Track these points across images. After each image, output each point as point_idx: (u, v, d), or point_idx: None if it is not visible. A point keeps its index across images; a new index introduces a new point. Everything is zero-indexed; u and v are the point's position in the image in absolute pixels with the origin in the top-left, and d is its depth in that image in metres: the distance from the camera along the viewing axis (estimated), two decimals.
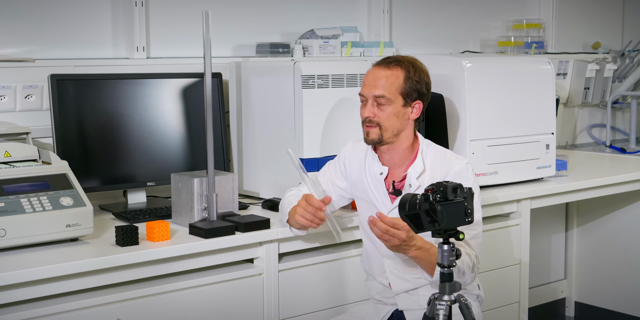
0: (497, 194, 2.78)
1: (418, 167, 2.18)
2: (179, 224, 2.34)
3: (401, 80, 2.14)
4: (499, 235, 2.82)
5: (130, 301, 2.07)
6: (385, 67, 2.15)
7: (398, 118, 2.15)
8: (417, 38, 3.60)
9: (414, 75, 2.15)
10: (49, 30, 2.65)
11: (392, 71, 2.14)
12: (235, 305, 2.25)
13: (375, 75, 2.15)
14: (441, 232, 1.77)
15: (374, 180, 2.23)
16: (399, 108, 2.15)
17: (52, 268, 1.93)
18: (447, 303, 1.81)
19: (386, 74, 2.14)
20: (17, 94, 2.53)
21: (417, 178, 2.18)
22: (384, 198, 2.22)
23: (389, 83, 2.13)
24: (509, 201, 2.83)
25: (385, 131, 2.15)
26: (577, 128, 4.21)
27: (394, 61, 2.16)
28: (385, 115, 2.14)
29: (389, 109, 2.14)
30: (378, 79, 2.14)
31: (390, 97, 2.13)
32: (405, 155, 2.21)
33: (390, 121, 2.14)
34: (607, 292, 3.69)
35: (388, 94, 2.13)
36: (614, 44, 4.39)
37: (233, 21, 3.03)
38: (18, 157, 2.20)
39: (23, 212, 2.03)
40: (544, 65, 2.96)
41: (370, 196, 2.24)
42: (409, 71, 2.15)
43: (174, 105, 2.65)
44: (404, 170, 2.21)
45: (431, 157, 2.20)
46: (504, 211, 2.85)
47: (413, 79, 2.15)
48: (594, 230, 3.74)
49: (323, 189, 2.30)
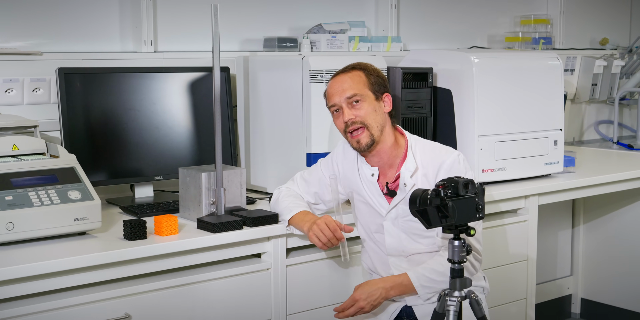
0: (504, 190, 2.77)
1: (410, 166, 2.18)
2: (186, 219, 2.33)
3: (364, 77, 2.19)
4: (507, 232, 2.81)
5: (138, 295, 2.07)
6: (344, 73, 2.22)
7: (377, 113, 2.18)
8: (424, 33, 3.59)
9: (372, 71, 2.22)
10: (57, 23, 2.65)
11: (352, 73, 2.21)
12: (243, 299, 2.25)
13: (339, 81, 2.20)
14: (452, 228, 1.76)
15: (367, 182, 2.24)
16: (373, 103, 2.18)
17: (60, 262, 1.93)
18: (458, 299, 1.80)
19: (348, 76, 2.20)
20: (25, 87, 2.52)
21: (410, 177, 2.18)
22: (379, 199, 2.23)
23: (355, 82, 2.18)
24: (517, 197, 2.82)
25: (372, 129, 2.16)
26: (584, 124, 4.20)
27: (348, 67, 2.23)
28: (365, 112, 2.16)
29: (365, 105, 2.17)
30: (343, 83, 2.19)
31: (362, 94, 2.17)
32: (392, 153, 2.22)
33: (371, 117, 2.16)
34: (614, 289, 3.68)
35: (359, 91, 2.17)
36: (622, 40, 4.37)
37: (241, 15, 3.02)
38: (26, 151, 2.20)
39: (31, 205, 2.03)
40: (552, 61, 2.95)
41: (366, 197, 2.25)
42: (366, 69, 2.21)
43: (181, 100, 2.64)
44: (396, 169, 2.21)
45: (421, 153, 2.21)
46: (512, 207, 2.84)
47: (373, 74, 2.21)
48: (600, 227, 3.73)
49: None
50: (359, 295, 2.14)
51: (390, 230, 2.22)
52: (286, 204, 2.28)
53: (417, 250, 2.22)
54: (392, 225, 2.22)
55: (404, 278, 2.15)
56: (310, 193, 2.33)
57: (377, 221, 2.24)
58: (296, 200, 2.28)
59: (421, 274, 2.14)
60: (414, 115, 2.72)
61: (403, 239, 2.22)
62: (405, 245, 2.22)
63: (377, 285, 2.15)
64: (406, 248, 2.22)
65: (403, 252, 2.23)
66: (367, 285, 2.17)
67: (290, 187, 2.34)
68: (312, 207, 2.33)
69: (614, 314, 3.69)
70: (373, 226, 2.26)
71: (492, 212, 2.75)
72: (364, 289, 2.15)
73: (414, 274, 2.15)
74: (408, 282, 2.14)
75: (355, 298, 2.15)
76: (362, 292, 2.14)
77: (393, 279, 2.16)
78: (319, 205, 2.35)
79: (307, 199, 2.33)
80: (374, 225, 2.26)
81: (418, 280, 2.13)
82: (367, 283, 2.18)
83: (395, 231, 2.22)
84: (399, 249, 2.23)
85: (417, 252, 2.23)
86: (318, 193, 2.33)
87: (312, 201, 2.33)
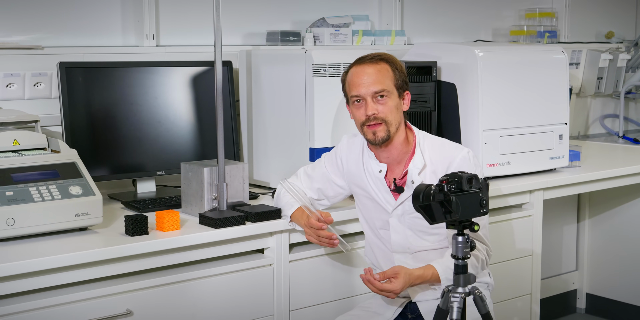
0: (509, 184, 2.75)
1: (419, 163, 2.16)
2: (188, 214, 2.32)
3: (390, 72, 2.15)
4: (511, 226, 2.80)
5: (140, 291, 2.06)
6: (371, 64, 2.15)
7: (398, 111, 2.15)
8: (429, 27, 3.56)
9: (398, 66, 2.17)
10: (58, 17, 2.63)
11: (380, 65, 2.15)
12: (246, 295, 2.24)
13: (366, 72, 2.14)
14: (456, 224, 1.74)
15: (374, 178, 2.21)
16: (396, 100, 2.15)
17: (61, 257, 1.92)
18: (462, 295, 1.79)
19: (378, 68, 2.14)
20: (26, 82, 2.51)
21: (418, 174, 2.15)
22: (386, 195, 2.20)
23: (383, 76, 2.13)
24: (522, 192, 2.81)
25: (391, 126, 2.13)
26: (590, 118, 4.18)
27: (376, 57, 2.17)
28: (389, 109, 2.12)
29: (390, 102, 2.13)
30: (372, 75, 2.13)
31: (389, 90, 2.13)
32: (402, 150, 2.19)
33: (393, 115, 2.13)
34: (619, 284, 3.66)
35: (386, 86, 2.13)
36: (628, 33, 4.34)
37: (243, 9, 3.00)
38: (27, 146, 2.19)
39: (32, 201, 2.02)
40: (557, 55, 2.93)
41: (372, 193, 2.22)
42: (393, 63, 2.16)
43: (183, 94, 2.63)
44: (404, 166, 2.19)
45: (429, 150, 2.18)
46: (517, 202, 2.82)
47: (398, 70, 2.16)
48: (606, 222, 3.71)
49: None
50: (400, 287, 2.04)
51: (396, 227, 2.20)
52: (287, 199, 2.27)
53: (423, 247, 2.21)
54: (398, 222, 2.20)
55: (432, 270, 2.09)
56: (313, 189, 2.31)
57: (382, 217, 2.22)
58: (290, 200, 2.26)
59: (447, 266, 2.07)
60: (417, 110, 2.70)
61: (409, 235, 2.20)
62: (411, 242, 2.20)
63: (414, 275, 2.07)
64: (412, 245, 2.21)
65: (408, 249, 2.21)
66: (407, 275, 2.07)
67: (293, 182, 2.32)
68: (315, 203, 2.31)
69: (620, 309, 3.68)
70: (378, 222, 2.24)
71: (497, 206, 2.74)
72: (405, 279, 2.06)
73: (440, 266, 2.09)
74: (433, 275, 2.08)
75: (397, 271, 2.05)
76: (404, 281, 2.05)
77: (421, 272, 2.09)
78: (322, 201, 2.33)
79: (309, 195, 2.31)
80: (379, 222, 2.24)
81: (444, 273, 2.08)
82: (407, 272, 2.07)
83: (401, 228, 2.20)
84: (405, 246, 2.21)
85: (422, 249, 2.21)
86: (321, 189, 2.31)
87: (315, 197, 2.32)
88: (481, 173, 2.15)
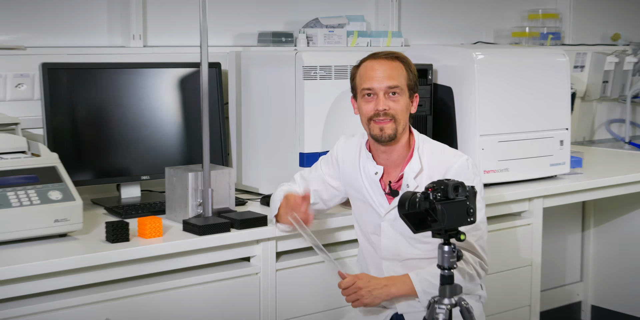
0: (507, 191, 2.71)
1: (415, 166, 2.13)
2: (173, 220, 2.29)
3: (405, 72, 2.13)
4: (509, 235, 2.76)
5: (120, 300, 2.03)
6: (387, 60, 2.12)
7: (407, 111, 2.14)
8: (427, 28, 3.53)
9: (411, 67, 2.15)
10: (42, 16, 2.60)
11: (395, 63, 2.12)
12: (231, 305, 2.20)
13: (382, 66, 2.11)
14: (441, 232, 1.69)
15: (369, 180, 2.18)
16: (407, 100, 2.13)
17: (39, 265, 1.89)
18: (447, 307, 1.75)
19: (393, 65, 2.12)
20: (7, 83, 2.48)
21: (414, 178, 2.12)
22: (380, 199, 2.17)
23: (398, 74, 2.11)
24: (520, 199, 2.77)
25: (399, 125, 2.10)
26: (595, 123, 4.14)
27: (391, 54, 2.14)
28: (400, 107, 2.10)
29: (402, 100, 2.11)
30: (387, 70, 2.10)
31: (402, 88, 2.11)
32: (402, 153, 2.16)
33: (402, 114, 2.11)
34: (625, 296, 3.60)
35: (400, 84, 2.11)
36: (635, 35, 4.29)
37: (234, 9, 2.97)
38: (6, 149, 2.16)
39: (9, 206, 1.99)
40: (558, 58, 2.90)
41: (366, 196, 2.19)
42: (407, 64, 2.15)
43: (171, 96, 2.60)
44: (400, 169, 2.16)
45: (428, 155, 2.15)
46: (515, 210, 2.79)
47: (412, 71, 2.14)
48: (611, 231, 3.66)
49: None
50: (361, 276, 2.08)
51: (387, 232, 2.17)
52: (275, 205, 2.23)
53: (413, 255, 2.16)
54: (390, 226, 2.16)
55: (406, 278, 2.09)
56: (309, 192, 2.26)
57: (374, 221, 2.19)
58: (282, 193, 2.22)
59: (424, 279, 2.07)
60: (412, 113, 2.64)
61: (400, 242, 2.16)
62: (401, 249, 2.16)
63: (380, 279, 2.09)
64: (402, 252, 2.16)
65: (398, 256, 2.17)
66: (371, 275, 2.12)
67: (291, 184, 2.30)
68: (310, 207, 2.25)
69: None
70: (370, 226, 2.21)
71: (495, 214, 2.70)
72: (367, 276, 2.10)
73: (417, 277, 2.08)
74: (410, 284, 2.07)
75: (358, 276, 2.08)
76: (365, 276, 2.09)
77: (395, 277, 2.10)
78: (318, 205, 2.29)
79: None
80: (371, 226, 2.21)
81: (420, 285, 2.06)
82: (367, 275, 2.13)
83: (392, 233, 2.16)
84: (394, 253, 2.17)
85: (412, 257, 2.16)
86: (317, 191, 2.28)
87: (310, 200, 2.26)
88: (480, 182, 2.13)
